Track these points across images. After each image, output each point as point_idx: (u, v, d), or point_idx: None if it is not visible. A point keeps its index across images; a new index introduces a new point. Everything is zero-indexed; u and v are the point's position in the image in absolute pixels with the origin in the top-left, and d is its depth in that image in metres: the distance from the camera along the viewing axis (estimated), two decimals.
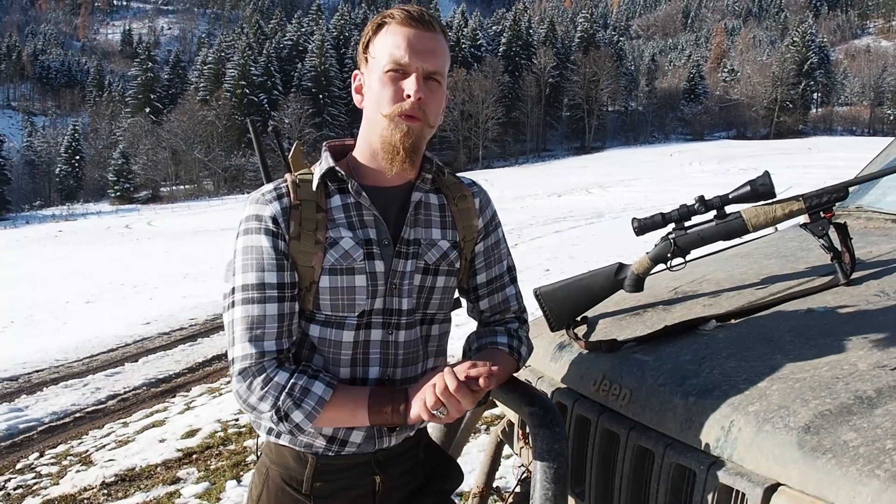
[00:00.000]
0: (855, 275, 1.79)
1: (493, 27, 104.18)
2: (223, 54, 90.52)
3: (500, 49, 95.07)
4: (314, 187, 1.46)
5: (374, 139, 1.47)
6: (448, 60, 1.49)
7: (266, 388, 1.38)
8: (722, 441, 1.33)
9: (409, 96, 1.41)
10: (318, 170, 1.49)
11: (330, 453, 1.50)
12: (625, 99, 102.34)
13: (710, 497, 1.29)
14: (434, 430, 2.09)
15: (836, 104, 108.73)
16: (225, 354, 1.47)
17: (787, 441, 1.21)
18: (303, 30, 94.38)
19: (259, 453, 1.62)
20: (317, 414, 1.39)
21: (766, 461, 1.23)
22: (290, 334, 1.44)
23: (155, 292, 14.85)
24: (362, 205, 1.47)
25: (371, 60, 1.46)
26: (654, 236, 1.98)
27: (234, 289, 1.43)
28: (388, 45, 1.42)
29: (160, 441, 5.60)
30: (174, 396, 7.23)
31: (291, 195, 1.45)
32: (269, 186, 1.48)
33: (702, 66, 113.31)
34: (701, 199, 1.87)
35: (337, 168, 1.47)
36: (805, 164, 39.20)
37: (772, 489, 1.19)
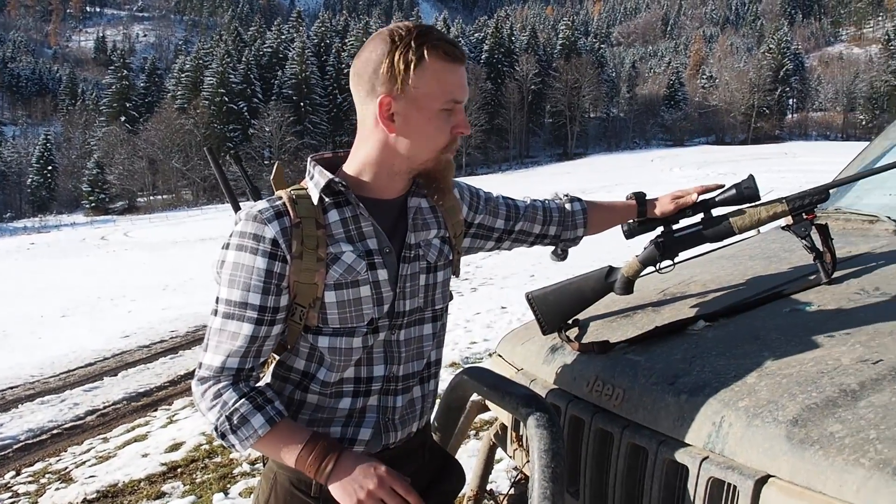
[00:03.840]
0: (836, 274, 1.85)
1: (475, 34, 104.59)
2: (201, 62, 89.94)
3: (483, 56, 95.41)
4: (315, 202, 1.46)
5: (409, 166, 1.48)
6: None
7: (214, 402, 1.41)
8: (713, 436, 1.37)
9: (461, 132, 1.46)
10: (312, 184, 1.49)
11: None
12: (606, 105, 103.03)
13: (702, 491, 1.34)
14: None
15: (811, 110, 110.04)
16: None
17: (776, 434, 1.26)
18: (283, 37, 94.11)
19: (261, 460, 1.64)
20: (249, 444, 1.42)
21: (756, 454, 1.28)
22: (258, 355, 1.45)
23: (133, 305, 14.60)
24: (360, 217, 1.47)
25: (416, 91, 1.40)
26: (638, 240, 2.03)
27: (217, 298, 1.45)
28: (441, 82, 1.40)
29: (143, 456, 5.50)
30: (156, 410, 7.13)
31: (291, 213, 1.43)
32: (265, 204, 1.45)
33: (681, 73, 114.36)
34: None
35: (336, 180, 1.45)
36: (782, 168, 39.60)
37: (762, 481, 1.23)
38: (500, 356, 2.28)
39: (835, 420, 1.23)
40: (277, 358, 1.56)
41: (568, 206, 1.92)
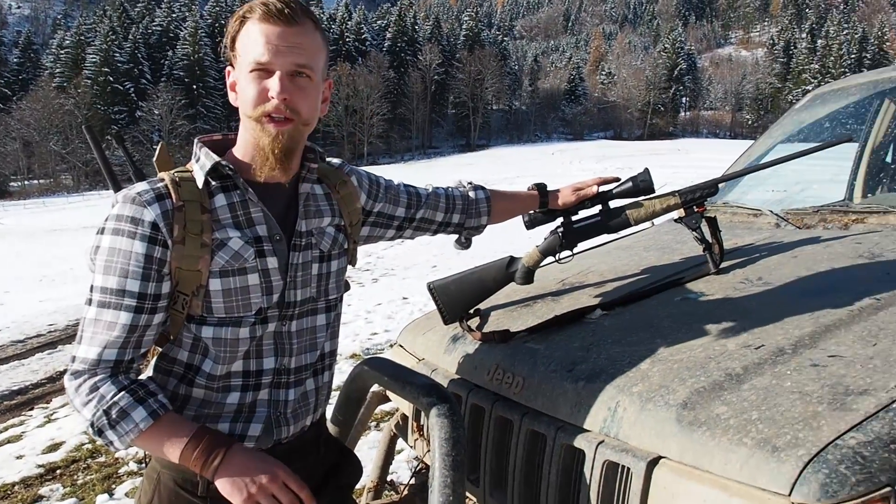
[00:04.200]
0: (723, 264, 1.94)
1: (378, 22, 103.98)
2: (83, 38, 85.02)
3: (386, 44, 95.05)
4: (199, 185, 1.40)
5: (248, 139, 1.43)
6: (322, 51, 1.43)
7: (90, 397, 1.33)
8: (609, 421, 1.42)
9: (272, 97, 1.35)
10: (198, 166, 1.42)
11: None
12: (509, 98, 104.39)
13: (597, 474, 1.38)
14: (328, 426, 2.10)
15: (702, 108, 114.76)
16: None
17: (666, 417, 1.32)
18: (174, 15, 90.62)
19: (147, 458, 1.56)
20: (128, 440, 1.34)
21: (648, 437, 1.33)
22: (137, 346, 1.38)
23: (6, 297, 13.60)
24: (249, 201, 1.42)
25: (238, 58, 1.39)
26: (536, 230, 2.06)
27: (92, 287, 1.37)
28: (249, 43, 1.35)
29: (17, 458, 5.11)
30: (32, 409, 6.69)
31: (173, 196, 1.37)
32: (145, 185, 1.38)
33: (581, 69, 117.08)
34: None
35: (223, 163, 1.40)
36: (675, 163, 41.06)
37: (654, 462, 1.29)
38: (401, 346, 2.28)
39: (721, 402, 1.29)
40: (160, 350, 1.49)
41: (471, 193, 1.91)
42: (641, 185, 1.92)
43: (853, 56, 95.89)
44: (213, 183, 1.42)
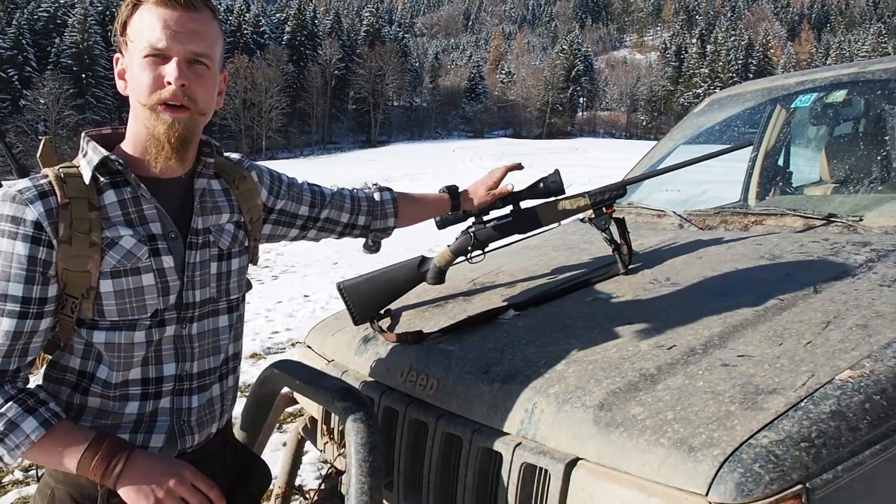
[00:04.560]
0: (631, 265, 1.98)
1: (277, 14, 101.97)
2: None
3: (285, 38, 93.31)
4: (87, 181, 1.31)
5: (140, 130, 1.35)
6: (219, 41, 1.38)
7: None
8: (526, 423, 1.41)
9: (169, 83, 1.29)
10: (85, 161, 1.34)
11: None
12: (410, 95, 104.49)
13: (515, 476, 1.37)
14: (235, 430, 2.03)
15: (599, 109, 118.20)
16: None
17: (584, 418, 1.32)
18: (62, 1, 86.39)
19: (40, 473, 1.46)
20: (19, 452, 1.26)
21: (565, 438, 1.33)
22: (23, 354, 1.29)
23: None
24: (141, 198, 1.35)
25: (130, 44, 1.32)
26: (435, 228, 2.05)
27: None
28: (144, 28, 1.29)
29: None
30: None
31: (57, 193, 1.28)
32: (26, 182, 1.29)
33: (482, 67, 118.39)
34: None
35: (112, 157, 1.32)
36: (573, 162, 42.07)
37: (572, 464, 1.29)
38: (309, 347, 2.23)
39: (636, 403, 1.31)
40: (49, 358, 1.40)
41: (377, 195, 1.86)
42: (552, 185, 1.94)
43: (740, 62, 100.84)
44: (102, 179, 1.33)
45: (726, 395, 1.25)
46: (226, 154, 1.57)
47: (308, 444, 2.29)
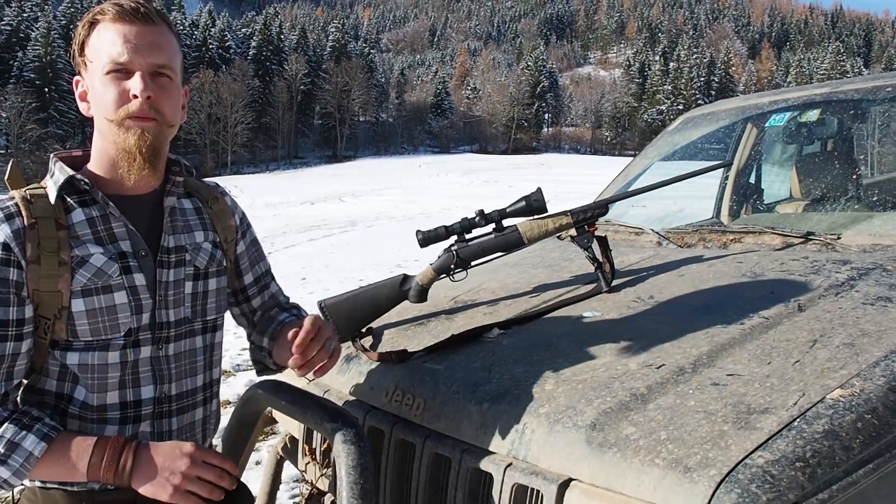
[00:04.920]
0: (614, 283, 1.98)
1: (243, 29, 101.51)
2: None
3: (250, 52, 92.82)
4: (52, 201, 1.32)
5: (108, 147, 1.35)
6: (178, 53, 1.40)
7: None
8: (517, 443, 1.40)
9: (135, 96, 1.30)
10: (51, 182, 1.34)
11: (110, 487, 1.35)
12: (376, 110, 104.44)
13: (507, 497, 1.36)
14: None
15: (564, 125, 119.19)
16: None
17: (576, 439, 1.32)
18: (25, 15, 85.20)
19: (16, 501, 1.42)
20: (25, 472, 1.25)
21: (558, 459, 1.32)
22: (9, 377, 1.28)
23: None
24: (110, 216, 1.35)
25: (90, 64, 1.33)
26: (403, 244, 2.04)
27: None
28: (104, 44, 1.30)
29: None
30: None
31: (24, 213, 1.28)
32: None
33: (447, 83, 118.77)
34: (481, 212, 1.97)
35: (78, 177, 1.33)
36: (538, 178, 42.37)
37: (565, 485, 1.28)
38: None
39: (628, 423, 1.30)
40: (26, 382, 1.37)
41: (281, 315, 1.68)
42: (534, 204, 1.94)
43: (702, 79, 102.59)
44: (70, 198, 1.34)
45: (718, 414, 1.25)
46: (203, 180, 1.58)
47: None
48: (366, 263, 12.33)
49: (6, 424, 1.24)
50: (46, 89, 75.04)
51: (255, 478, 3.05)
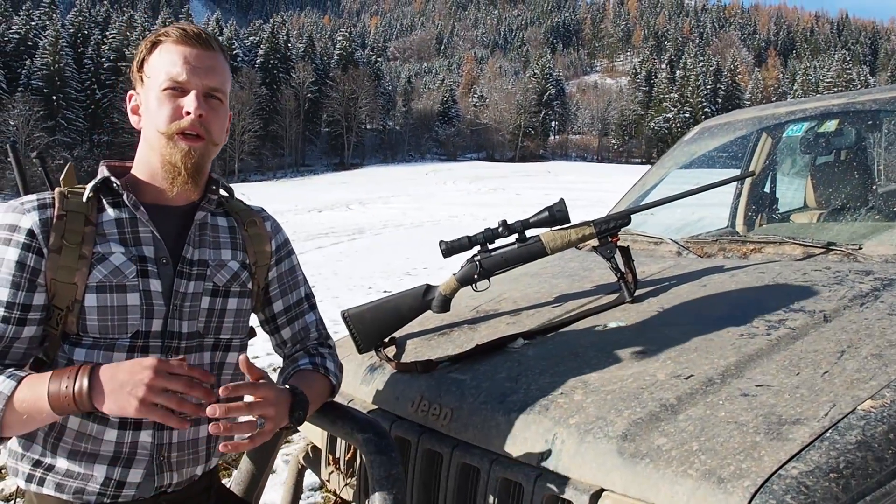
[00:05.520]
0: (636, 293, 1.99)
1: (251, 38, 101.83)
2: None
3: (258, 60, 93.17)
4: (84, 198, 1.38)
5: (153, 158, 1.42)
6: (229, 79, 1.48)
7: None
8: (547, 454, 1.41)
9: (188, 113, 1.38)
10: (91, 183, 1.41)
11: (105, 500, 1.37)
12: (383, 118, 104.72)
13: None
14: (239, 473, 2.01)
15: (571, 132, 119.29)
16: None
17: (608, 449, 1.32)
18: (33, 23, 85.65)
19: (15, 497, 1.45)
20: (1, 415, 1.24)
21: (589, 469, 1.33)
22: (2, 358, 1.30)
23: None
24: (139, 220, 1.40)
25: (147, 80, 1.41)
26: (411, 252, 2.05)
27: None
28: (164, 63, 1.38)
29: None
30: None
31: (56, 206, 1.35)
32: (32, 196, 1.37)
33: (454, 91, 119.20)
34: (504, 223, 1.98)
35: (112, 179, 1.39)
36: (546, 185, 42.38)
37: (597, 495, 1.29)
38: None
39: (660, 434, 1.31)
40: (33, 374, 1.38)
41: (304, 359, 1.63)
42: (557, 214, 1.95)
43: (709, 87, 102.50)
44: (105, 199, 1.40)
45: (750, 425, 1.26)
46: (248, 203, 1.63)
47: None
48: (374, 271, 12.34)
49: None
50: (54, 97, 75.39)
51: (271, 486, 3.07)
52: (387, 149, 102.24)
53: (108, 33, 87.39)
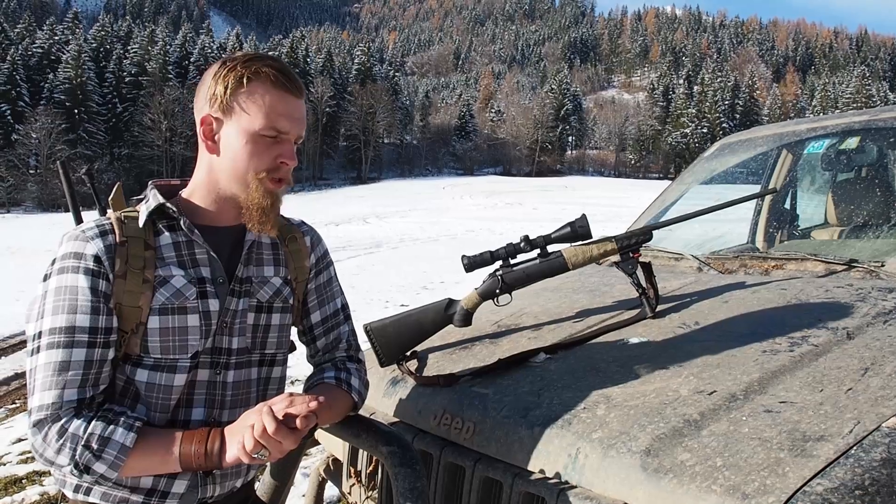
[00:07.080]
0: (658, 308, 2.00)
1: (270, 52, 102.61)
2: None
3: None
4: (141, 224, 1.40)
5: (232, 190, 1.42)
6: None
7: (61, 441, 1.27)
8: (570, 468, 1.42)
9: (284, 163, 1.42)
10: (144, 207, 1.43)
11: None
12: (400, 132, 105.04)
13: None
14: (262, 486, 2.02)
15: (588, 147, 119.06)
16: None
17: (631, 464, 1.33)
18: (56, 38, 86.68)
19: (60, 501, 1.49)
20: (121, 463, 1.29)
21: (613, 484, 1.34)
22: (96, 383, 1.33)
23: None
24: (194, 243, 1.43)
25: (238, 114, 1.39)
26: (428, 266, 2.06)
27: (40, 333, 1.31)
28: (264, 107, 1.38)
29: None
30: None
31: (116, 232, 1.37)
32: (91, 223, 1.39)
33: (472, 106, 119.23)
34: (526, 238, 2.00)
35: (168, 205, 1.42)
36: (563, 200, 42.35)
37: None
38: None
39: (683, 449, 1.32)
40: None
41: (330, 372, 1.65)
42: (579, 230, 1.96)
43: (727, 102, 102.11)
44: (160, 223, 1.42)
45: (774, 441, 1.26)
46: (289, 217, 1.66)
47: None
48: (391, 285, 12.37)
49: (94, 422, 1.29)
50: (76, 111, 76.24)
51: (290, 499, 3.08)
52: (404, 163, 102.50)
53: (129, 48, 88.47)
